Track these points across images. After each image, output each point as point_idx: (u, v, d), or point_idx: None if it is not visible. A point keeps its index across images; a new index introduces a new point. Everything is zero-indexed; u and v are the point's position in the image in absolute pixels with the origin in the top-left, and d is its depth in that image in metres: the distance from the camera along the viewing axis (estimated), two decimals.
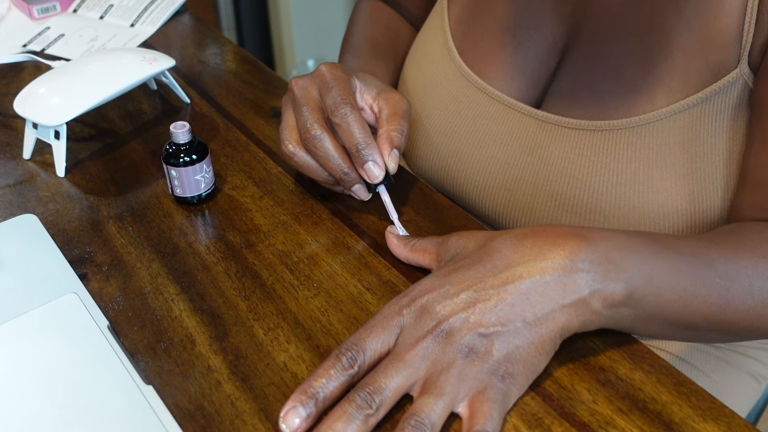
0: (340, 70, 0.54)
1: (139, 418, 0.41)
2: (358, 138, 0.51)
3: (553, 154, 0.59)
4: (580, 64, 0.60)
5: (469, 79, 0.64)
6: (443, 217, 0.57)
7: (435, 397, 0.39)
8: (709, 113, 0.55)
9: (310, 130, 0.52)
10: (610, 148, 0.56)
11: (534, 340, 0.41)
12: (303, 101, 0.54)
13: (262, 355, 0.46)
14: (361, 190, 0.55)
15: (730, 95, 0.54)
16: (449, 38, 0.66)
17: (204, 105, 0.73)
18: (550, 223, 0.60)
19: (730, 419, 0.41)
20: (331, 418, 0.38)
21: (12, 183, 0.62)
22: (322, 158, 0.53)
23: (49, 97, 0.62)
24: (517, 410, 0.42)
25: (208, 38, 0.87)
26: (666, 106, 0.55)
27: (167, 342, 0.47)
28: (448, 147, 0.65)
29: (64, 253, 0.53)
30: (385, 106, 0.55)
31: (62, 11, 0.91)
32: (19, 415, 0.42)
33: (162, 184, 0.61)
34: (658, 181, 0.55)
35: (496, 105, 0.62)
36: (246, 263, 0.53)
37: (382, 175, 0.52)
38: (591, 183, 0.57)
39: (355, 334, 0.42)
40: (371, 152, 0.52)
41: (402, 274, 0.51)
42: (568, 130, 0.58)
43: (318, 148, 0.52)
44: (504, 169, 0.62)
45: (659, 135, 0.55)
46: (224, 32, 2.00)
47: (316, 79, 0.54)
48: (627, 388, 0.43)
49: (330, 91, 0.53)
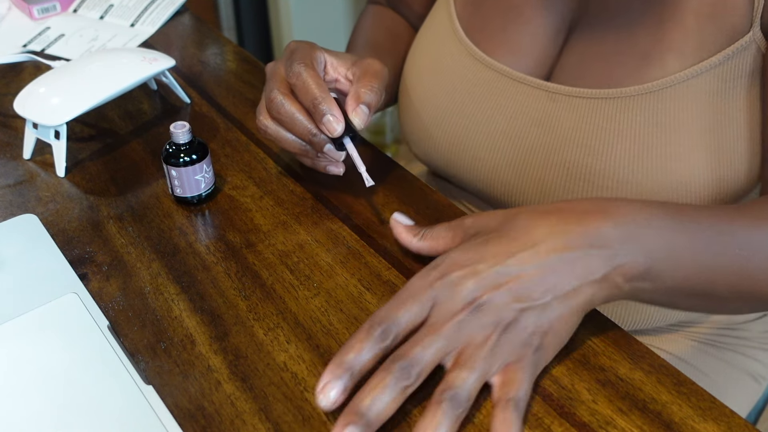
0: (305, 42, 0.57)
1: (139, 418, 0.41)
2: (314, 92, 0.52)
3: (564, 124, 0.59)
4: (588, 37, 0.59)
5: (476, 57, 0.64)
6: (443, 216, 0.57)
7: (469, 370, 0.40)
8: (724, 78, 0.54)
9: (272, 99, 0.54)
10: (623, 115, 0.56)
11: (563, 314, 0.42)
12: (270, 77, 0.56)
13: (262, 355, 0.46)
14: (332, 150, 0.55)
15: (744, 60, 0.54)
16: (455, 20, 0.66)
17: (204, 105, 0.73)
18: (563, 195, 0.60)
19: (730, 419, 0.41)
20: (370, 387, 0.39)
21: (12, 183, 0.62)
22: (288, 123, 0.54)
23: (49, 97, 0.62)
24: None
25: (208, 38, 0.87)
26: (679, 71, 0.55)
27: (167, 342, 0.47)
28: (457, 127, 0.65)
29: (64, 253, 0.53)
30: (357, 70, 0.56)
31: (62, 11, 0.91)
32: (19, 415, 0.42)
33: (162, 184, 0.61)
34: (674, 148, 0.55)
35: (505, 80, 0.62)
36: (246, 263, 0.53)
37: (341, 127, 0.52)
38: (604, 151, 0.57)
39: (387, 306, 0.42)
40: (327, 105, 0.52)
41: (402, 274, 0.51)
42: (579, 99, 0.58)
43: (282, 114, 0.54)
44: (514, 144, 0.62)
45: (673, 101, 0.55)
46: (224, 32, 2.00)
47: (284, 55, 0.57)
48: (627, 388, 0.43)
49: (289, 59, 0.55)
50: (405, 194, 0.60)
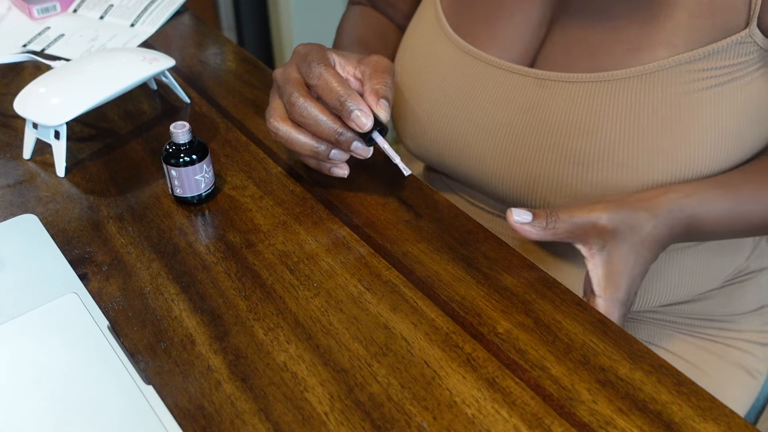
0: (315, 45, 0.57)
1: (139, 418, 0.41)
2: (339, 90, 0.52)
3: (555, 109, 0.59)
4: (571, 28, 0.60)
5: (464, 49, 0.64)
6: (443, 217, 0.57)
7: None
8: (717, 65, 0.55)
9: (294, 103, 0.53)
10: (614, 98, 0.57)
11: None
12: (284, 81, 0.55)
13: (262, 355, 0.46)
14: (359, 147, 0.55)
15: (738, 53, 0.54)
16: (441, 16, 0.67)
17: (204, 105, 0.73)
18: (556, 178, 0.60)
19: (730, 419, 0.41)
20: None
21: (12, 183, 0.62)
22: (312, 125, 0.53)
23: (49, 97, 0.62)
24: (517, 410, 0.42)
25: (208, 38, 0.87)
26: (669, 58, 0.55)
27: (167, 342, 0.47)
28: (449, 119, 0.65)
29: (64, 253, 0.54)
30: (366, 68, 0.56)
31: (62, 11, 0.91)
32: (19, 415, 0.42)
33: (162, 184, 0.61)
34: (667, 129, 0.56)
35: (493, 70, 0.63)
36: (246, 263, 0.53)
37: (370, 121, 0.52)
38: (595, 133, 0.57)
39: None
40: (354, 101, 0.52)
41: (402, 274, 0.51)
42: (569, 84, 0.58)
43: (305, 116, 0.53)
44: (504, 131, 0.62)
45: (664, 84, 0.55)
46: (224, 32, 2.00)
47: (293, 59, 0.56)
48: (627, 388, 0.43)
49: (304, 60, 0.54)
50: (405, 194, 0.60)
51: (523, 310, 0.48)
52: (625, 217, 0.52)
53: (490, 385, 0.43)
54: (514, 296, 0.49)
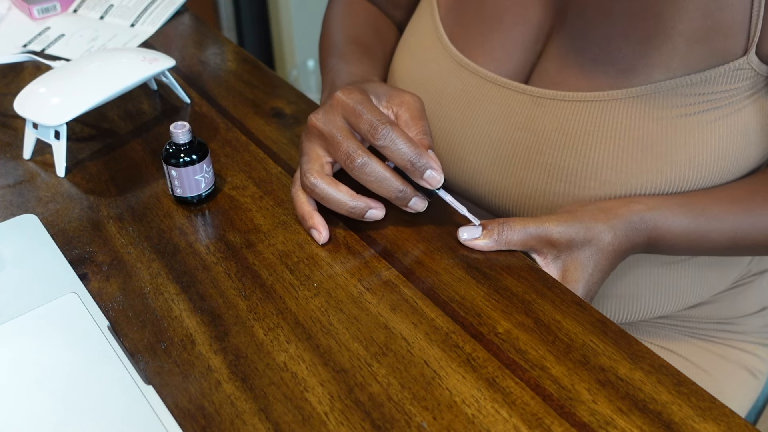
0: (357, 92, 0.53)
1: (139, 418, 0.41)
2: (410, 154, 0.50)
3: (547, 127, 0.59)
4: (567, 47, 0.60)
5: (461, 63, 0.64)
6: (444, 223, 0.57)
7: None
8: (712, 90, 0.55)
9: (354, 159, 0.50)
10: (607, 118, 0.56)
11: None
12: (333, 132, 0.52)
13: (262, 355, 0.46)
14: (418, 202, 0.53)
15: (734, 79, 0.54)
16: (439, 25, 0.67)
17: (204, 105, 0.73)
18: (544, 195, 0.60)
19: (730, 419, 0.41)
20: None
21: (12, 183, 0.62)
22: (374, 183, 0.51)
23: (49, 97, 0.62)
24: (517, 410, 0.42)
25: (208, 38, 0.87)
26: (665, 81, 0.55)
27: (167, 342, 0.47)
28: (443, 131, 0.65)
29: (64, 253, 0.54)
30: (401, 111, 0.54)
31: (62, 11, 0.91)
32: (19, 415, 0.42)
33: (162, 184, 0.61)
34: (659, 149, 0.56)
35: (489, 85, 0.63)
36: (246, 263, 0.53)
37: (442, 177, 0.51)
38: (586, 153, 0.57)
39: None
40: (426, 161, 0.50)
41: (402, 275, 0.51)
42: (564, 102, 0.58)
43: (368, 174, 0.51)
44: (496, 146, 0.62)
45: (659, 107, 0.55)
46: (224, 32, 2.00)
47: (337, 108, 0.52)
48: (627, 388, 0.43)
49: (361, 116, 0.51)
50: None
51: (523, 310, 0.48)
52: (580, 230, 0.53)
53: (490, 385, 0.43)
54: (514, 296, 0.49)
